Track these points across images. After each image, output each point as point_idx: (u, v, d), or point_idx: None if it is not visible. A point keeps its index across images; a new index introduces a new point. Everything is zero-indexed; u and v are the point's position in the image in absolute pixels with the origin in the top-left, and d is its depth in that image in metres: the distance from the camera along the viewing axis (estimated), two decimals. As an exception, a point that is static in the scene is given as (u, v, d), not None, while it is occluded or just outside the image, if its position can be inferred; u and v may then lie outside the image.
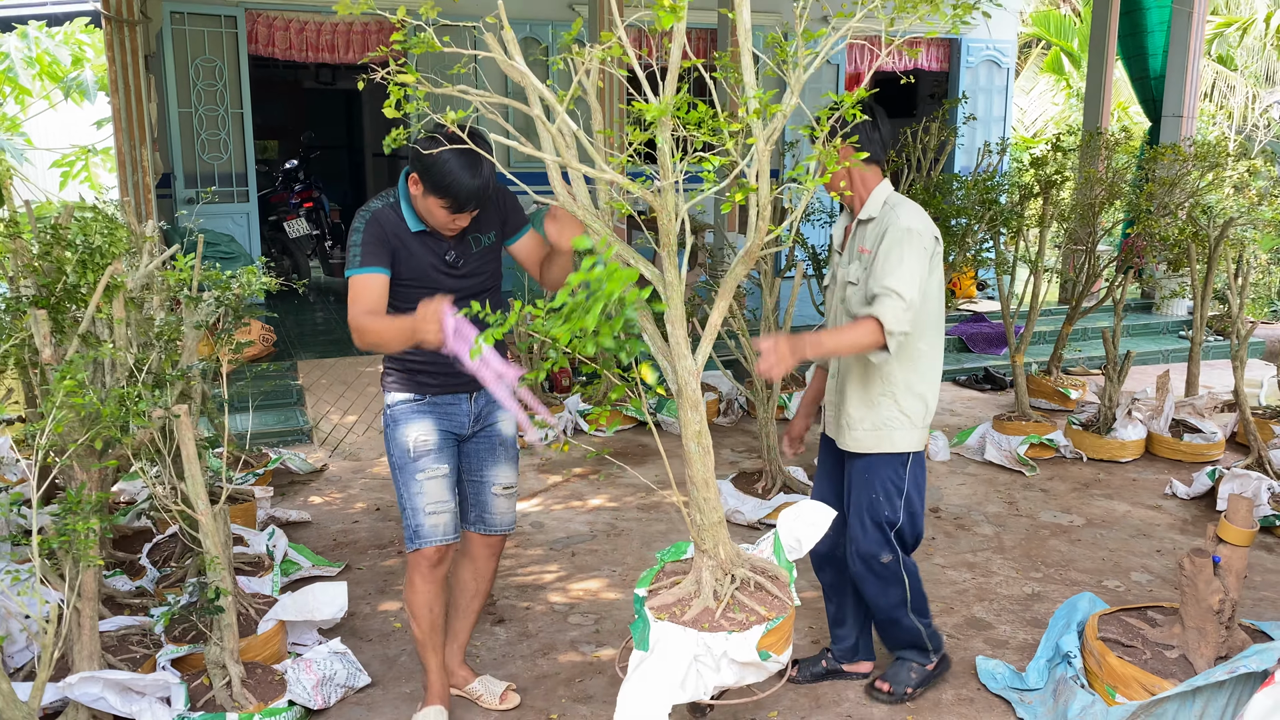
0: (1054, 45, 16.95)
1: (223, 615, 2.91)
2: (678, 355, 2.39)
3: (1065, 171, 6.21)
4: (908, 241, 2.89)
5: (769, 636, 2.54)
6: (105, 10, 6.13)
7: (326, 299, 9.59)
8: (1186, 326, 9.04)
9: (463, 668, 3.28)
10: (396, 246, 2.78)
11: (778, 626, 2.57)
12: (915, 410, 3.06)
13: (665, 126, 2.09)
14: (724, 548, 2.64)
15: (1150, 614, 3.30)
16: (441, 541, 2.91)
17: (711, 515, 2.58)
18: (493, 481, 3.05)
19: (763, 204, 2.20)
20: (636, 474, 3.65)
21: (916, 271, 2.87)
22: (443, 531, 2.91)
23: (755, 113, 2.02)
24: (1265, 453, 5.12)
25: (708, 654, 2.53)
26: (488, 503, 3.07)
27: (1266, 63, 18.05)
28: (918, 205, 3.04)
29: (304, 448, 5.95)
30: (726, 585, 2.63)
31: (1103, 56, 9.46)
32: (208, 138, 8.24)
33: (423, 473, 2.88)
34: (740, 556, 2.72)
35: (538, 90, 2.16)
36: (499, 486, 3.06)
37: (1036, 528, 4.74)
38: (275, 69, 12.74)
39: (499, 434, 3.04)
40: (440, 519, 2.90)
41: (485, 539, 3.11)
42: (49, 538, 2.52)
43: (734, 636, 2.51)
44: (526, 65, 2.16)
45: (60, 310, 2.81)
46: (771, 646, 2.55)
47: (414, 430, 2.89)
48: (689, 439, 2.50)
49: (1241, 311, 5.45)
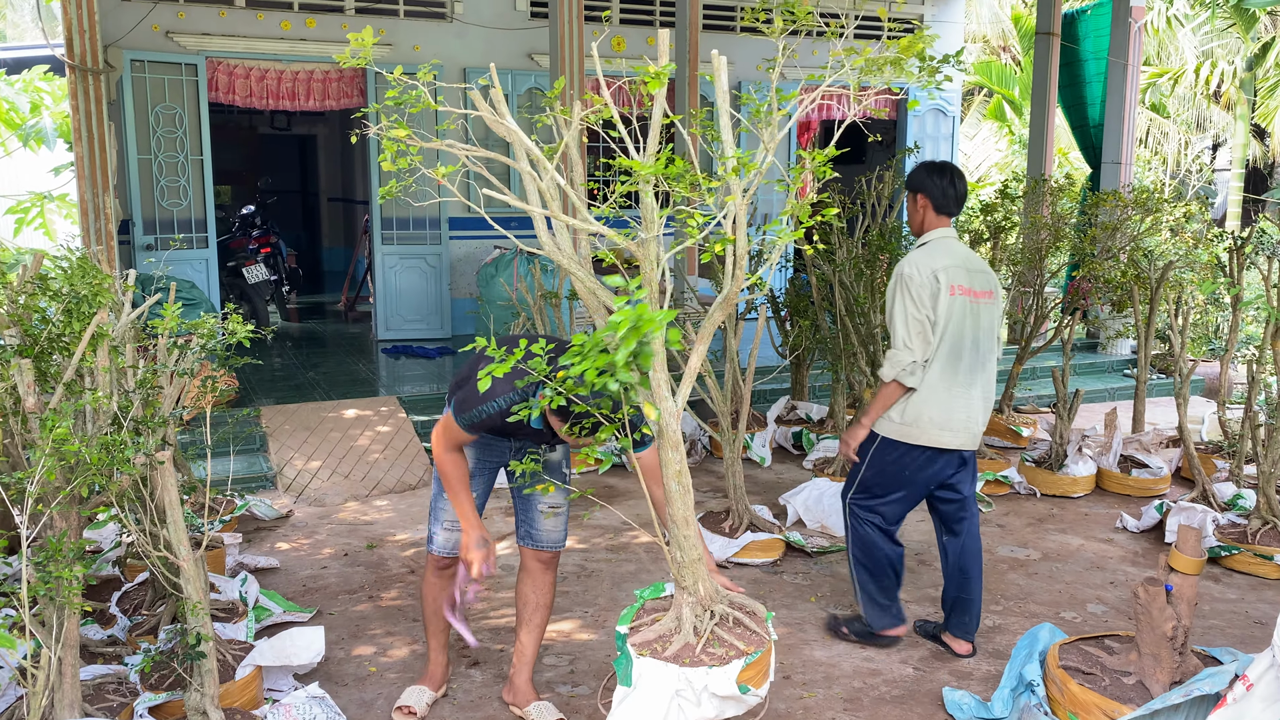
0: (996, 93, 17.51)
1: (204, 660, 2.92)
2: (659, 397, 2.49)
3: (1012, 217, 6.45)
4: (896, 288, 3.68)
5: (748, 670, 2.62)
6: (69, 59, 6.16)
7: (285, 345, 9.57)
8: (1131, 365, 9.34)
9: (528, 686, 3.43)
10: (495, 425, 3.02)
11: (756, 661, 2.65)
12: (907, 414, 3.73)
13: (648, 182, 2.20)
14: (703, 584, 2.73)
15: (1108, 642, 3.44)
16: (446, 553, 3.35)
17: (691, 553, 2.67)
18: (539, 499, 3.32)
19: (740, 254, 2.32)
20: (618, 512, 3.75)
21: (905, 315, 3.63)
22: (451, 547, 3.34)
23: (734, 170, 2.14)
24: (1209, 486, 5.32)
25: (689, 688, 2.60)
26: (535, 519, 3.34)
27: (1197, 110, 18.80)
28: (931, 247, 3.73)
29: (269, 494, 5.93)
30: (706, 621, 2.72)
31: (1044, 106, 9.83)
32: (167, 184, 8.24)
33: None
34: (719, 593, 2.81)
35: (526, 146, 2.27)
36: (545, 505, 3.32)
37: (995, 562, 4.88)
38: (230, 114, 12.77)
39: (547, 460, 3.29)
40: (451, 535, 3.33)
41: (536, 554, 3.37)
42: (35, 585, 2.53)
43: (714, 671, 2.59)
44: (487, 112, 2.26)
45: (44, 359, 2.84)
46: (750, 680, 2.63)
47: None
48: (669, 478, 2.60)
49: (1183, 351, 5.68)
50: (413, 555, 4.95)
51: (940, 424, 3.67)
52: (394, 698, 3.56)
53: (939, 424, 3.67)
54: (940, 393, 3.66)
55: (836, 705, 3.51)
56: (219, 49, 8.32)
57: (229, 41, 8.34)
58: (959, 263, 3.70)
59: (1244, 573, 4.72)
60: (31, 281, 2.84)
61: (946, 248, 3.73)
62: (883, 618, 3.88)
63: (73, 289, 2.81)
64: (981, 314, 3.73)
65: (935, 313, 3.61)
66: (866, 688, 3.64)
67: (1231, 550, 4.75)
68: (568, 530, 3.42)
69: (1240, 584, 4.62)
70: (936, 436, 3.68)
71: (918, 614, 4.27)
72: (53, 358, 2.89)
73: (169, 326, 3.08)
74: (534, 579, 3.40)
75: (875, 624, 3.88)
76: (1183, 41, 17.90)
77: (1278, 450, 4.76)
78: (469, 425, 2.99)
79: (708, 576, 2.73)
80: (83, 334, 2.65)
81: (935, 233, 3.78)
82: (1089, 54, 9.79)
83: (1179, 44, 17.93)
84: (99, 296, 2.84)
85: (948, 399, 3.67)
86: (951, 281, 3.63)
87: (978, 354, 3.74)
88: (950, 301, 3.61)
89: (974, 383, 3.73)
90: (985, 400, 3.77)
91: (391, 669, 3.78)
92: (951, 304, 3.62)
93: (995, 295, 3.79)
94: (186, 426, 6.02)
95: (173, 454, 3.84)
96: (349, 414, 6.94)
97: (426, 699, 3.48)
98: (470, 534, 3.09)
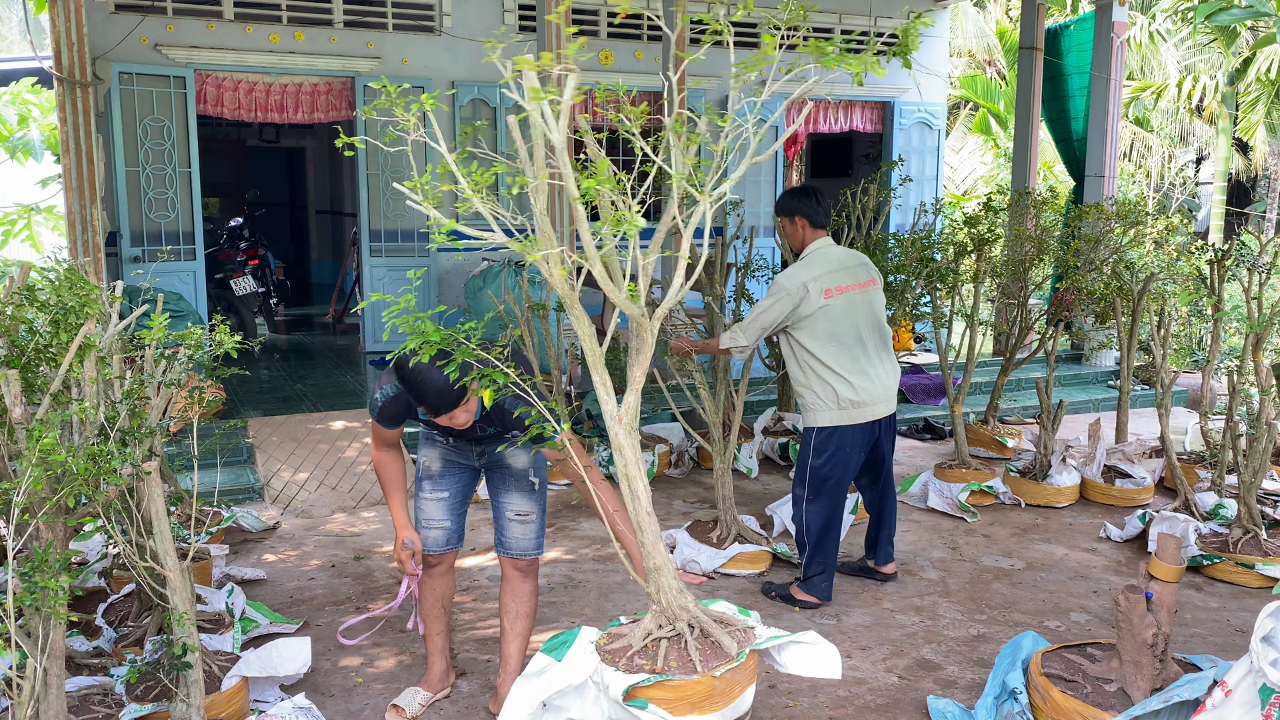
0: (982, 107, 17.65)
1: (190, 671, 2.92)
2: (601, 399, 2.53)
3: (996, 229, 6.50)
4: (771, 292, 4.28)
5: (654, 690, 2.54)
6: (57, 72, 6.17)
7: (273, 356, 9.56)
8: (1114, 376, 9.40)
9: None
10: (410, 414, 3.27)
11: (674, 684, 2.55)
12: (826, 394, 4.28)
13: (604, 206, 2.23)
14: (665, 595, 2.73)
15: (1090, 650, 3.47)
16: (432, 551, 3.45)
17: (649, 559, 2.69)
18: (506, 507, 3.41)
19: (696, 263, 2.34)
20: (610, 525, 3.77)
21: (759, 313, 4.26)
22: (433, 543, 3.44)
23: (702, 192, 2.17)
24: (1191, 496, 5.37)
25: (594, 683, 2.61)
26: (505, 527, 3.42)
27: (1179, 124, 18.97)
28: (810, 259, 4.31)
29: (256, 505, 5.93)
30: (657, 632, 2.71)
31: (1028, 120, 9.92)
32: (155, 196, 8.24)
33: (424, 494, 3.44)
34: (688, 610, 2.79)
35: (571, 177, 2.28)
36: (512, 512, 3.40)
37: (980, 571, 4.91)
38: (219, 126, 12.77)
39: (508, 466, 3.37)
40: (431, 533, 3.44)
41: (511, 561, 3.44)
42: (20, 595, 2.53)
43: (616, 675, 2.58)
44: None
45: (30, 370, 2.85)
46: (655, 700, 2.54)
47: (425, 456, 3.45)
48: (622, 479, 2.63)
49: (1165, 362, 5.74)
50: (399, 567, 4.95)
51: (869, 401, 4.30)
52: (381, 708, 3.56)
53: (868, 402, 4.30)
54: (859, 376, 4.27)
55: (821, 714, 3.53)
56: (207, 62, 8.33)
57: (217, 54, 8.35)
58: (834, 266, 4.32)
59: (1225, 581, 4.76)
60: (18, 293, 2.85)
61: (823, 256, 4.34)
62: (826, 589, 4.46)
63: (60, 300, 2.82)
64: (873, 300, 4.39)
65: (796, 315, 4.24)
66: (851, 696, 3.66)
67: (1213, 559, 4.79)
68: (543, 539, 3.45)
69: (1222, 592, 4.66)
70: (871, 412, 4.33)
71: (903, 623, 4.30)
72: (39, 369, 2.90)
73: (156, 338, 3.09)
74: (512, 587, 3.46)
75: (822, 595, 4.45)
76: (1165, 56, 18.09)
77: (1258, 460, 4.80)
78: (377, 418, 3.26)
79: (672, 588, 2.74)
80: (70, 345, 2.66)
81: (814, 245, 4.40)
82: (1072, 69, 9.89)
83: (1162, 58, 18.11)
84: (86, 308, 2.85)
85: (867, 380, 4.29)
86: (826, 286, 4.23)
87: (880, 333, 4.41)
88: (829, 303, 4.23)
89: (884, 359, 4.40)
90: (894, 367, 4.46)
91: (378, 680, 3.79)
92: (831, 304, 4.24)
93: (878, 281, 4.49)
94: (174, 438, 6.01)
95: (159, 465, 3.84)
96: (337, 425, 6.94)
97: (420, 700, 3.51)
98: (398, 534, 3.33)
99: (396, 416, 3.25)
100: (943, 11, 11.23)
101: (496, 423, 3.22)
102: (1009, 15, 19.04)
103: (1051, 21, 11.23)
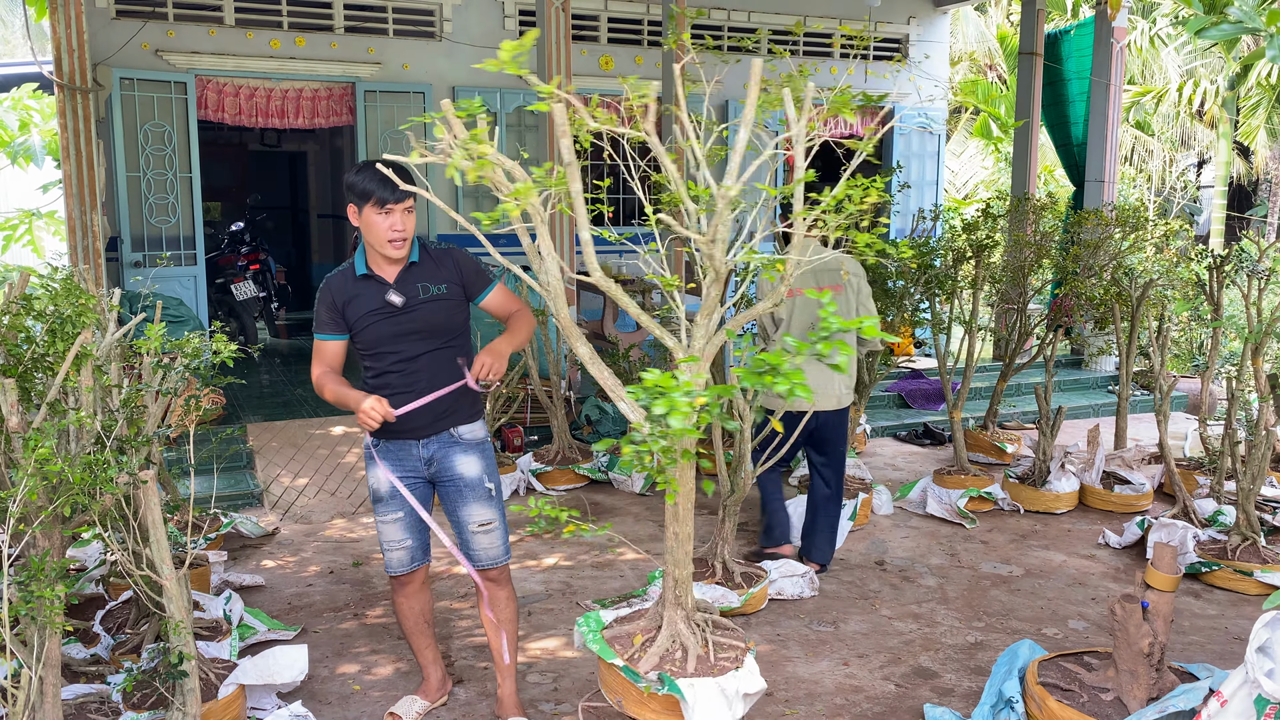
0: (983, 111, 17.65)
1: (186, 680, 2.93)
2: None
3: (996, 235, 6.50)
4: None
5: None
6: (58, 78, 6.18)
7: (273, 361, 9.57)
8: (1114, 382, 9.40)
9: (512, 699, 3.48)
10: (345, 302, 3.23)
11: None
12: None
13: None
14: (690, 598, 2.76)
15: (1086, 659, 3.46)
16: (398, 572, 3.39)
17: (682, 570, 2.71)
18: (467, 521, 3.32)
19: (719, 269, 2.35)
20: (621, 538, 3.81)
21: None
22: (398, 564, 3.38)
23: (707, 193, 2.18)
24: (1190, 502, 5.36)
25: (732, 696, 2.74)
26: (469, 540, 3.34)
27: (1180, 128, 18.97)
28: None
29: (255, 511, 5.93)
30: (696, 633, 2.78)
31: (1028, 125, 9.92)
32: (156, 201, 8.26)
33: (380, 517, 3.35)
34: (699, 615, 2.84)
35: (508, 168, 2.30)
36: (475, 524, 3.31)
37: (978, 578, 4.91)
38: (220, 131, 12.77)
39: (460, 476, 3.30)
40: (395, 555, 3.37)
41: (483, 573, 3.37)
42: (16, 604, 2.54)
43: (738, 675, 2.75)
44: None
45: (27, 378, 2.85)
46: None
47: (372, 478, 3.34)
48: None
49: (1163, 368, 5.73)
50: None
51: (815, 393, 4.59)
52: (378, 716, 3.57)
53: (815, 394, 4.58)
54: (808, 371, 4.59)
55: (818, 722, 3.53)
56: (208, 67, 8.35)
57: (218, 60, 8.38)
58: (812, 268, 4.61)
59: (1224, 589, 4.76)
60: (16, 301, 2.86)
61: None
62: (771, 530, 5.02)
63: (57, 309, 2.83)
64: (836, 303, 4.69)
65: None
66: (848, 704, 3.66)
67: (1212, 566, 4.78)
68: (508, 542, 3.41)
69: (1220, 600, 4.66)
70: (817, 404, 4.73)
71: (900, 631, 4.30)
72: (36, 377, 2.90)
73: (153, 345, 3.10)
74: (491, 598, 3.41)
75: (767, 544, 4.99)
76: (1166, 60, 18.08)
77: (1257, 466, 4.80)
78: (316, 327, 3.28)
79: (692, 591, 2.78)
80: (66, 353, 2.67)
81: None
82: (1072, 74, 9.90)
83: (1163, 63, 18.11)
84: (83, 316, 2.85)
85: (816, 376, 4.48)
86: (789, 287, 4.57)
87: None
88: (790, 302, 4.65)
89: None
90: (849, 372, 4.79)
91: (375, 687, 3.79)
92: (792, 304, 4.67)
93: (844, 286, 4.76)
94: (172, 444, 6.02)
95: (157, 472, 3.85)
96: (336, 431, 6.95)
97: (417, 708, 3.52)
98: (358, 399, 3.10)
99: (334, 313, 3.21)
100: (943, 16, 11.24)
101: (437, 276, 3.24)
102: (1010, 19, 19.05)
103: (1052, 27, 11.24)
